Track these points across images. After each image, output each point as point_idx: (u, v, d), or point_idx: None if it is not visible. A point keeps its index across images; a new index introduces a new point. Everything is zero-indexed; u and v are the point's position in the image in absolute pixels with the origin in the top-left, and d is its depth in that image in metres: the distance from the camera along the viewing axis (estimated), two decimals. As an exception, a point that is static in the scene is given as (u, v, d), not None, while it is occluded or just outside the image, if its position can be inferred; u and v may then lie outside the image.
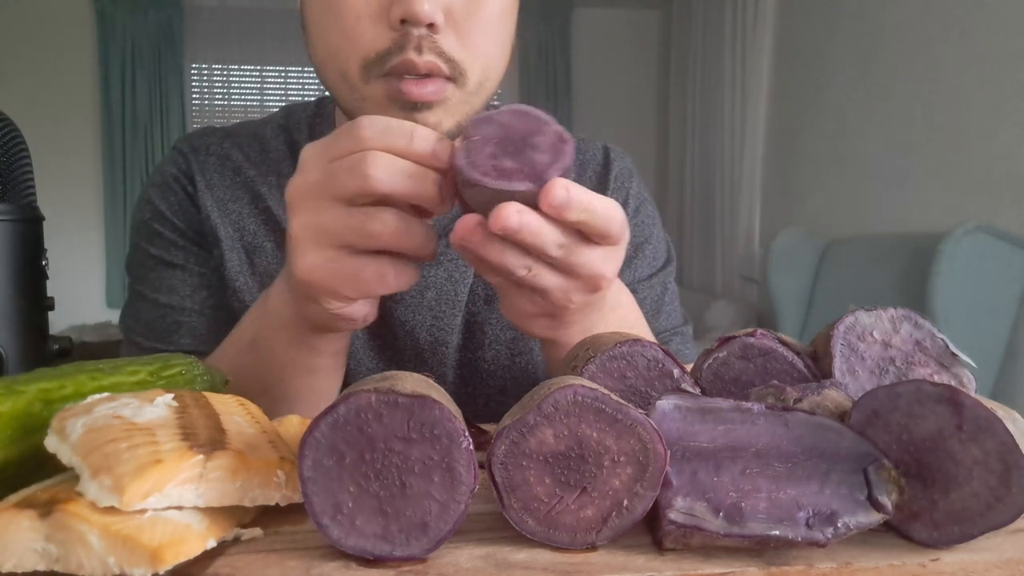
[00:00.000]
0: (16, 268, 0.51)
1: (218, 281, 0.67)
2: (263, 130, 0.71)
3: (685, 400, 0.31)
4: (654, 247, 0.74)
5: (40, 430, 0.30)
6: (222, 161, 0.69)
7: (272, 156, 0.69)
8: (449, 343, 0.67)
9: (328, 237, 0.41)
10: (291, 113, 0.72)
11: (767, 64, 3.27)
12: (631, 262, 0.71)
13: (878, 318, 0.37)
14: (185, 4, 4.01)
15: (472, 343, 0.68)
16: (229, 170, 0.68)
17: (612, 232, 0.40)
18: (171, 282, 0.66)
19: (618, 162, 0.74)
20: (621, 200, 0.72)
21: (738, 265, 3.44)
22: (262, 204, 0.67)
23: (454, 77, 0.53)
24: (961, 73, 2.15)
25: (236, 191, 0.68)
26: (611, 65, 4.43)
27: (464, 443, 0.28)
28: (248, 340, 0.53)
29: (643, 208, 0.74)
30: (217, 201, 0.67)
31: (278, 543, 0.30)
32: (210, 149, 0.69)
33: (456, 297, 0.67)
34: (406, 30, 0.51)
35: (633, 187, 0.74)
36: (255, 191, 0.68)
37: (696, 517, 0.28)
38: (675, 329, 0.73)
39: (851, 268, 2.37)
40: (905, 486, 0.30)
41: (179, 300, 0.66)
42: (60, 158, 3.86)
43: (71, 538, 0.25)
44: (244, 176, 0.68)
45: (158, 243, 0.67)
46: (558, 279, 0.41)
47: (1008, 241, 1.83)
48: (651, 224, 0.74)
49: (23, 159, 0.54)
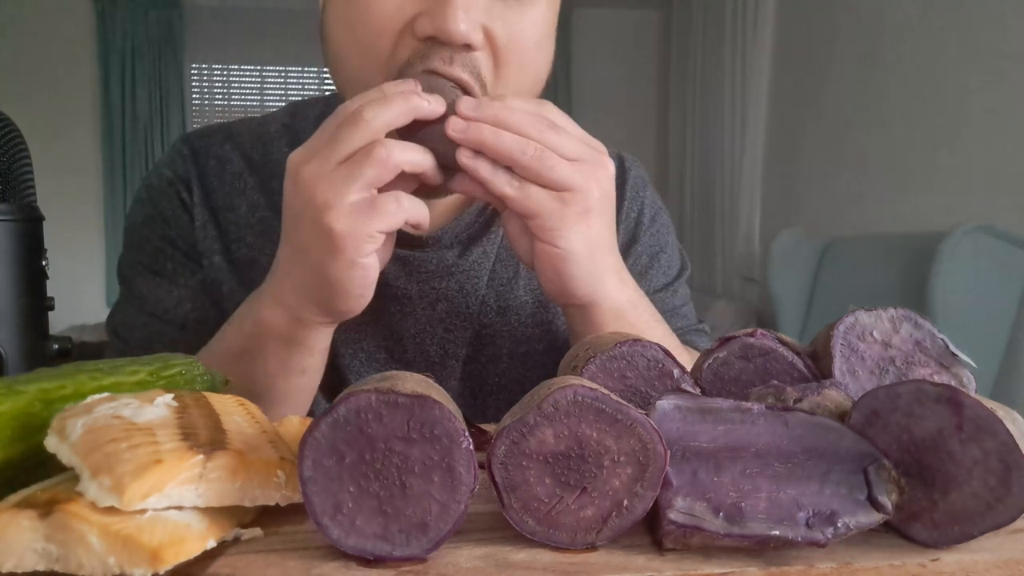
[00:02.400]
0: (16, 268, 0.51)
1: (203, 294, 0.65)
2: (267, 129, 0.69)
3: (685, 400, 0.31)
4: (669, 256, 0.73)
5: (40, 430, 0.30)
6: (222, 165, 0.67)
7: (274, 158, 0.67)
8: (459, 356, 0.66)
9: (346, 183, 0.44)
10: (297, 111, 0.70)
11: (767, 64, 3.27)
12: (647, 272, 0.71)
13: (878, 318, 0.37)
14: (185, 4, 4.01)
15: (482, 356, 0.67)
16: (228, 175, 0.67)
17: (544, 115, 0.47)
18: (157, 292, 0.65)
19: (633, 171, 0.74)
20: (637, 208, 0.72)
21: (738, 265, 3.44)
22: (259, 214, 0.66)
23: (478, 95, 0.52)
24: (961, 73, 2.15)
25: (233, 199, 0.66)
26: (611, 65, 4.43)
27: (464, 443, 0.28)
28: (235, 352, 0.53)
29: (659, 217, 0.74)
30: (213, 210, 0.66)
31: (278, 543, 0.30)
32: (211, 152, 0.68)
33: (468, 310, 0.65)
34: (433, 44, 0.49)
35: (648, 196, 0.74)
36: (253, 200, 0.66)
37: (696, 517, 0.28)
38: (689, 328, 0.73)
39: (851, 268, 2.37)
40: (905, 486, 0.30)
41: (163, 311, 0.65)
42: (60, 158, 3.85)
43: (71, 538, 0.25)
44: (243, 183, 0.67)
45: (148, 249, 0.66)
46: (545, 197, 0.47)
47: (1008, 241, 1.83)
48: (666, 233, 0.74)
49: (23, 159, 0.54)
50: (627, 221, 0.72)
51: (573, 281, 0.50)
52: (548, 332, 0.67)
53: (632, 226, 0.72)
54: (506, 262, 0.67)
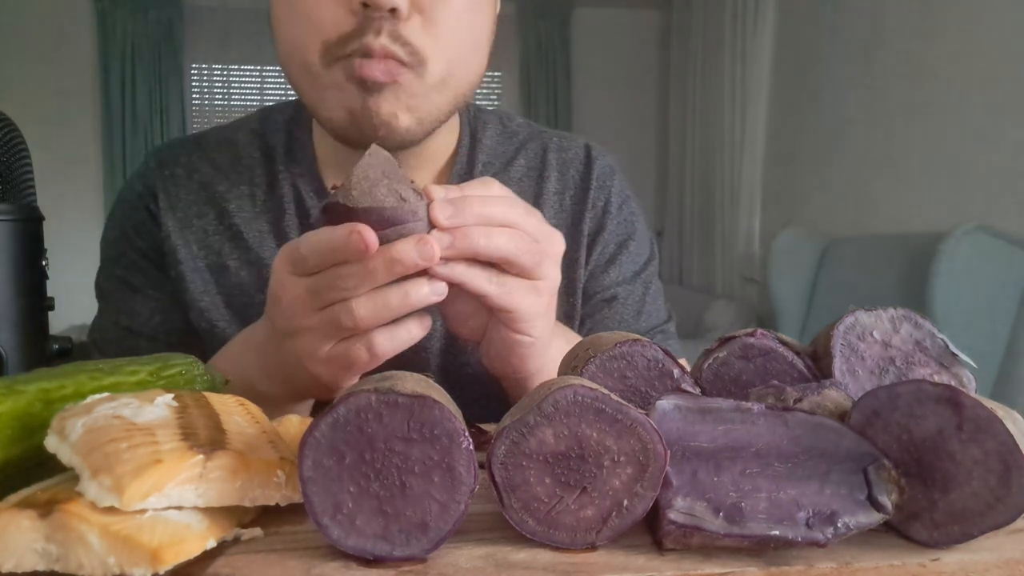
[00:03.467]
0: (16, 268, 0.51)
1: (172, 306, 0.66)
2: (236, 135, 0.69)
3: (685, 400, 0.31)
4: (638, 243, 0.74)
5: (40, 430, 0.30)
6: (189, 174, 0.67)
7: (244, 163, 0.68)
8: (429, 348, 0.66)
9: (321, 340, 0.43)
10: (268, 116, 0.70)
11: (767, 64, 3.27)
12: (616, 259, 0.71)
13: (878, 318, 0.37)
14: (185, 4, 4.00)
15: (456, 348, 0.66)
16: (196, 184, 0.67)
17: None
18: (131, 305, 0.66)
19: (600, 160, 0.74)
20: (604, 197, 0.72)
21: (738, 265, 3.44)
22: (228, 221, 0.66)
23: (412, 65, 0.53)
24: (961, 73, 2.15)
25: (202, 207, 0.66)
26: (611, 65, 4.43)
27: (464, 443, 0.28)
28: None
29: (626, 205, 0.74)
30: (180, 219, 0.66)
31: (278, 543, 0.30)
32: (178, 161, 0.68)
33: None
34: (367, 14, 0.51)
35: (615, 184, 0.74)
36: (222, 207, 0.66)
37: (696, 517, 0.28)
38: (657, 328, 0.73)
39: (851, 268, 2.37)
40: (905, 486, 0.30)
41: (137, 325, 0.66)
42: (60, 158, 3.85)
43: (71, 538, 0.25)
44: (211, 191, 0.67)
45: (122, 263, 0.67)
46: (524, 291, 0.44)
47: (1008, 241, 1.83)
48: (635, 221, 0.74)
49: (23, 159, 0.54)
50: (593, 210, 0.72)
51: (530, 362, 0.50)
52: None
53: (599, 215, 0.72)
54: None
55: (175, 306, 0.66)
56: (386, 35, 0.51)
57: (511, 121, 0.75)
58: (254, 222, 0.66)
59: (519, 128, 0.74)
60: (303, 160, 0.67)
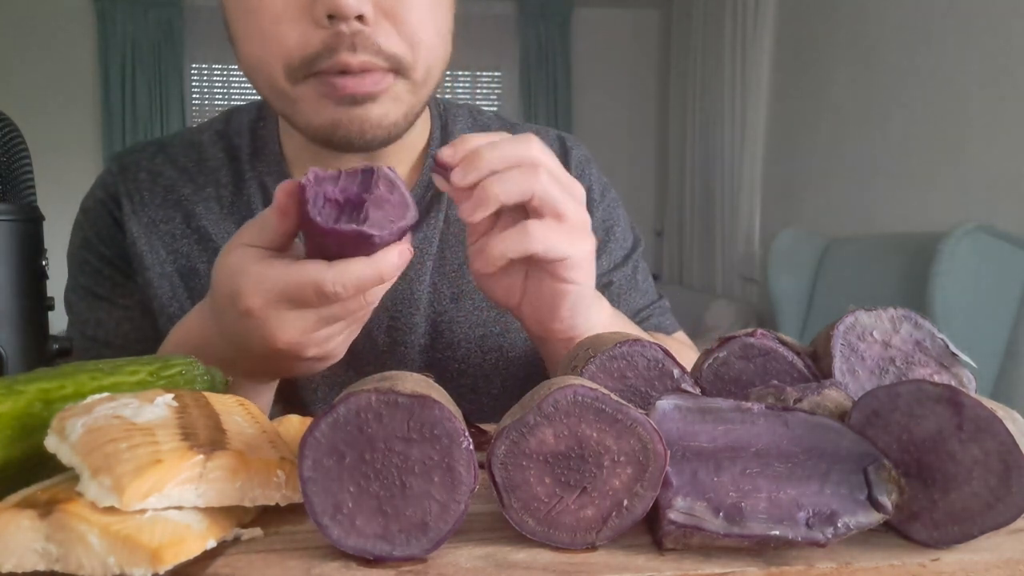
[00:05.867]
0: (16, 268, 0.50)
1: (142, 315, 0.65)
2: (200, 137, 0.68)
3: (685, 400, 0.31)
4: (622, 229, 0.74)
5: (40, 430, 0.30)
6: (153, 179, 0.66)
7: (210, 165, 0.67)
8: (409, 343, 0.65)
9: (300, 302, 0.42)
10: (232, 118, 0.70)
11: (767, 64, 3.27)
12: (606, 246, 0.72)
13: (878, 318, 0.37)
14: (185, 4, 4.01)
15: (440, 343, 0.66)
16: (160, 188, 0.66)
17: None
18: (98, 314, 0.65)
19: (575, 151, 0.74)
20: (585, 186, 0.72)
21: (738, 265, 3.44)
22: (195, 223, 0.65)
23: (396, 70, 0.53)
24: (961, 73, 2.15)
25: (168, 211, 0.65)
26: (611, 65, 4.43)
27: (464, 443, 0.28)
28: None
29: (607, 192, 0.75)
30: (146, 224, 0.65)
31: (278, 543, 0.30)
32: (140, 165, 0.67)
33: (413, 296, 0.65)
34: (336, 28, 0.49)
35: (594, 172, 0.74)
36: (188, 210, 0.65)
37: (696, 517, 0.28)
38: (653, 304, 0.74)
39: (851, 268, 2.37)
40: (905, 486, 0.30)
41: (104, 334, 0.65)
42: (60, 158, 3.85)
43: (71, 538, 0.25)
44: (177, 194, 0.66)
45: (87, 271, 0.66)
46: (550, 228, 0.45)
47: (1008, 241, 1.83)
48: (616, 207, 0.75)
49: (23, 159, 0.54)
50: None
51: (579, 317, 0.49)
52: (503, 314, 0.67)
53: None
54: (455, 248, 0.67)
55: (145, 314, 0.65)
56: (362, 50, 0.50)
57: (481, 115, 0.75)
58: (222, 223, 0.65)
59: (489, 121, 0.75)
60: (270, 159, 0.66)
